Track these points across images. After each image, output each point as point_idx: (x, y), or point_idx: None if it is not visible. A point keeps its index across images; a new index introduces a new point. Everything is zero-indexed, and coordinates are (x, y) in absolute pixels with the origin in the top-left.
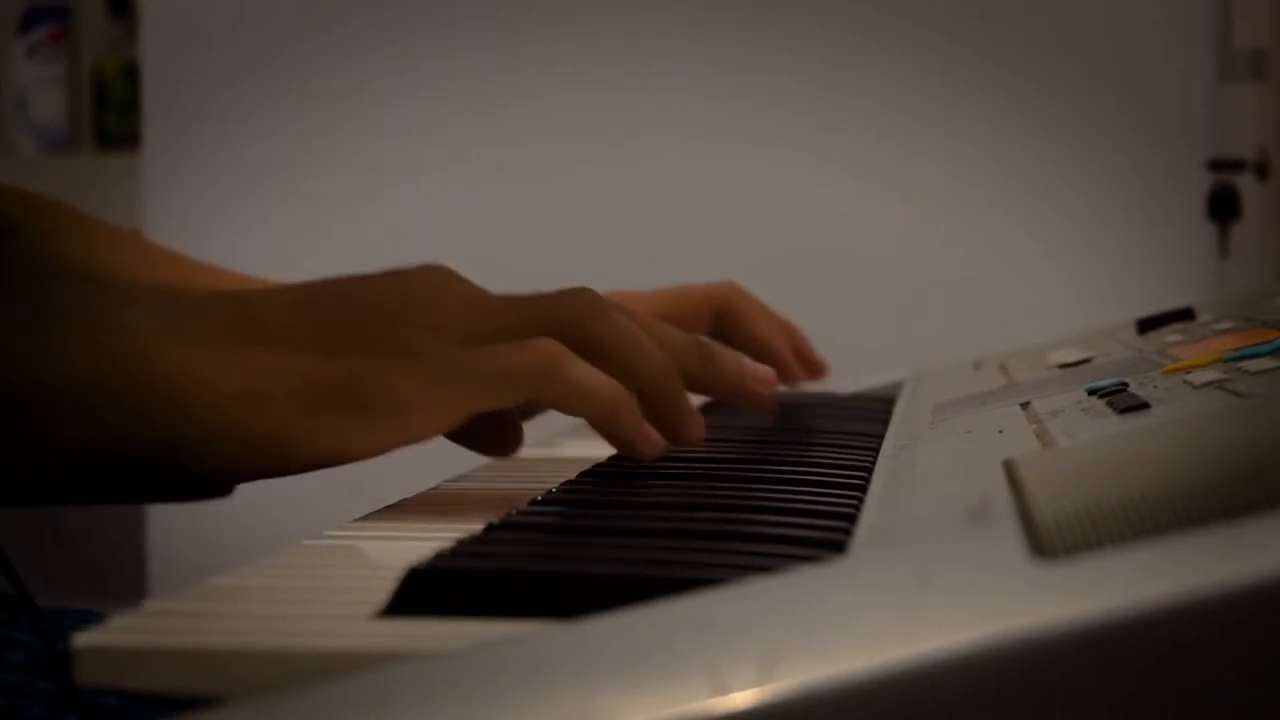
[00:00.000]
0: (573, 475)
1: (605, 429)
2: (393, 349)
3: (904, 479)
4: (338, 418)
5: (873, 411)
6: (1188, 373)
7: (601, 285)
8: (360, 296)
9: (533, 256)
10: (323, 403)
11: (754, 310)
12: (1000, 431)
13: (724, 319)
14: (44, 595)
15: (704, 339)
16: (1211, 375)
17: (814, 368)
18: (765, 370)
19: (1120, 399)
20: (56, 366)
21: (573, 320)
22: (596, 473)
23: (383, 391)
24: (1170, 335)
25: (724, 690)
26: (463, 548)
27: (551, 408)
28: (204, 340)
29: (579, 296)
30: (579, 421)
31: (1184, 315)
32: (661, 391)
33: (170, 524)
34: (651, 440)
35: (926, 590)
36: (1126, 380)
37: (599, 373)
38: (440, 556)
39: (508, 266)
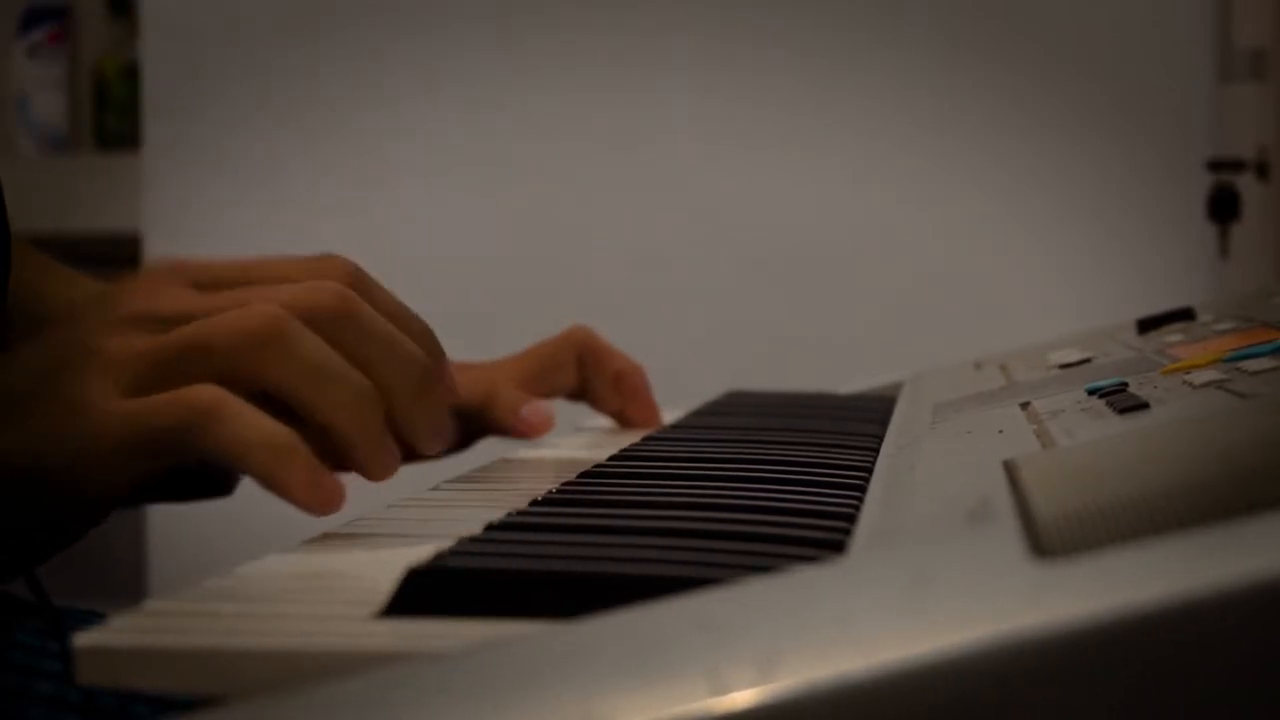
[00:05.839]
0: (572, 475)
1: (268, 485)
2: (59, 409)
3: (904, 479)
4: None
5: (873, 411)
6: (1187, 373)
7: (602, 284)
8: (25, 362)
9: (533, 256)
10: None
11: (608, 346)
12: (1000, 432)
13: (586, 357)
14: None
15: (433, 365)
16: (1211, 375)
17: (649, 411)
18: (449, 430)
19: (1120, 399)
20: None
21: (246, 354)
22: (596, 473)
23: (44, 469)
24: (1170, 335)
25: (723, 690)
26: (462, 547)
27: (221, 462)
28: None
29: (268, 325)
30: (578, 421)
31: (1184, 315)
32: (346, 426)
33: (170, 524)
34: (324, 496)
35: (926, 590)
36: (1126, 380)
37: (262, 419)
38: (440, 556)
39: (508, 266)
